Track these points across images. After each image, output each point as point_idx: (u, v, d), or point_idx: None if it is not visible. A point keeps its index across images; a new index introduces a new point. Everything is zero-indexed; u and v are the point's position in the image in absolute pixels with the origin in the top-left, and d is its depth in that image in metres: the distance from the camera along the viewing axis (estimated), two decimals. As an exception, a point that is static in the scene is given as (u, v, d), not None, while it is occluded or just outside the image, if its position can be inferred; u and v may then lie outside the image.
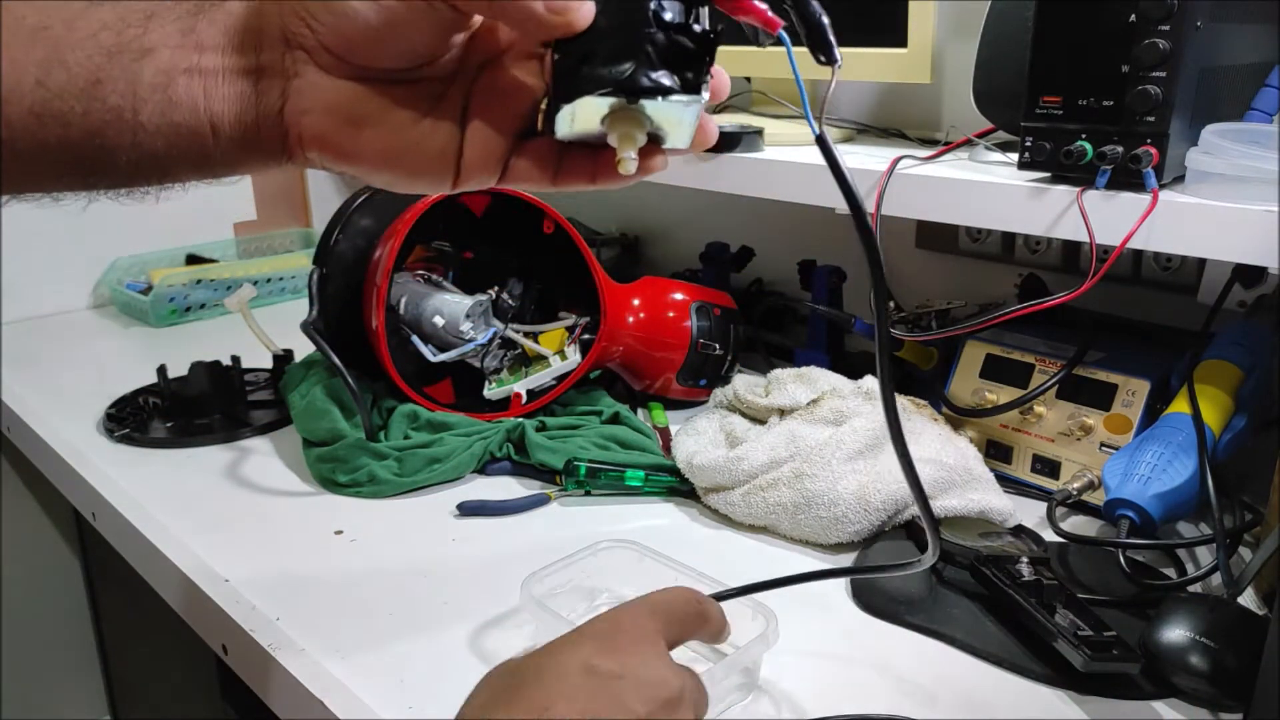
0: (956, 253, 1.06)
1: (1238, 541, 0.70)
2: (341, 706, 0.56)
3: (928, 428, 0.79)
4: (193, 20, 0.37)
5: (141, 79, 0.36)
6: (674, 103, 0.36)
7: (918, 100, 1.07)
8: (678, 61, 0.35)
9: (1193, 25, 0.63)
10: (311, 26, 0.37)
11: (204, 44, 0.37)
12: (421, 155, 0.39)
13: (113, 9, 0.36)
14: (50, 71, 0.35)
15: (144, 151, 0.37)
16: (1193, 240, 0.64)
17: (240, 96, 0.38)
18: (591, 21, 0.35)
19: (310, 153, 0.39)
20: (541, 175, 0.41)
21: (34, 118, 0.35)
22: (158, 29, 0.36)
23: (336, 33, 0.36)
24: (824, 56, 0.37)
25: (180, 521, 0.77)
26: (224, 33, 0.37)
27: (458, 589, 0.68)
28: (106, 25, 0.36)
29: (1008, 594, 0.62)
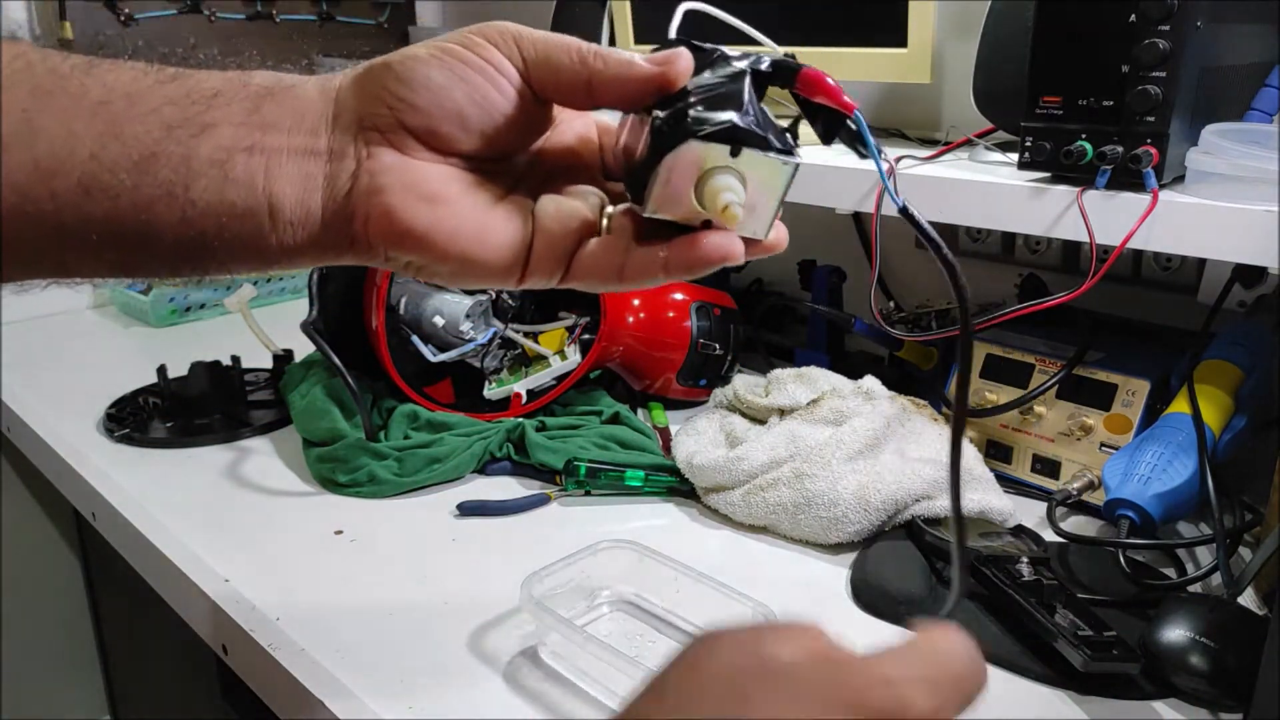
0: (956, 253, 1.06)
1: (1238, 541, 0.70)
2: (341, 707, 0.56)
3: (928, 428, 0.79)
4: (260, 101, 0.36)
5: (198, 154, 0.35)
6: (773, 159, 0.37)
7: (918, 100, 1.07)
8: (772, 127, 0.37)
9: (1193, 25, 0.63)
10: (392, 106, 0.36)
11: (268, 123, 0.36)
12: (493, 241, 0.38)
13: (180, 85, 0.35)
14: (105, 145, 0.34)
15: (192, 231, 0.35)
16: (1193, 240, 0.64)
17: (305, 177, 0.36)
18: (691, 76, 0.37)
19: (375, 237, 0.37)
20: (608, 269, 0.39)
21: (82, 190, 0.34)
22: (222, 106, 0.35)
23: (418, 110, 0.36)
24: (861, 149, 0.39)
25: (180, 521, 0.77)
26: (292, 113, 0.36)
27: (457, 589, 0.68)
28: (171, 100, 0.35)
29: (1008, 594, 0.62)
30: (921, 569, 0.68)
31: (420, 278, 0.40)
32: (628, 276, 0.39)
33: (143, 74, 0.35)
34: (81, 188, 0.34)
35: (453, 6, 1.64)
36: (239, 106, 0.36)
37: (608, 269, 0.39)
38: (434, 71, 0.36)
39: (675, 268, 0.38)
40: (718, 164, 0.36)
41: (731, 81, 0.37)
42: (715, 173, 0.36)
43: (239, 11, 1.38)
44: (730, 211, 0.36)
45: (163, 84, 0.35)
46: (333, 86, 0.37)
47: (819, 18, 0.96)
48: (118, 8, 1.25)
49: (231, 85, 0.36)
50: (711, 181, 0.36)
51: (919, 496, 0.71)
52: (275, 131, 0.36)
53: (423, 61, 0.36)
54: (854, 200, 0.82)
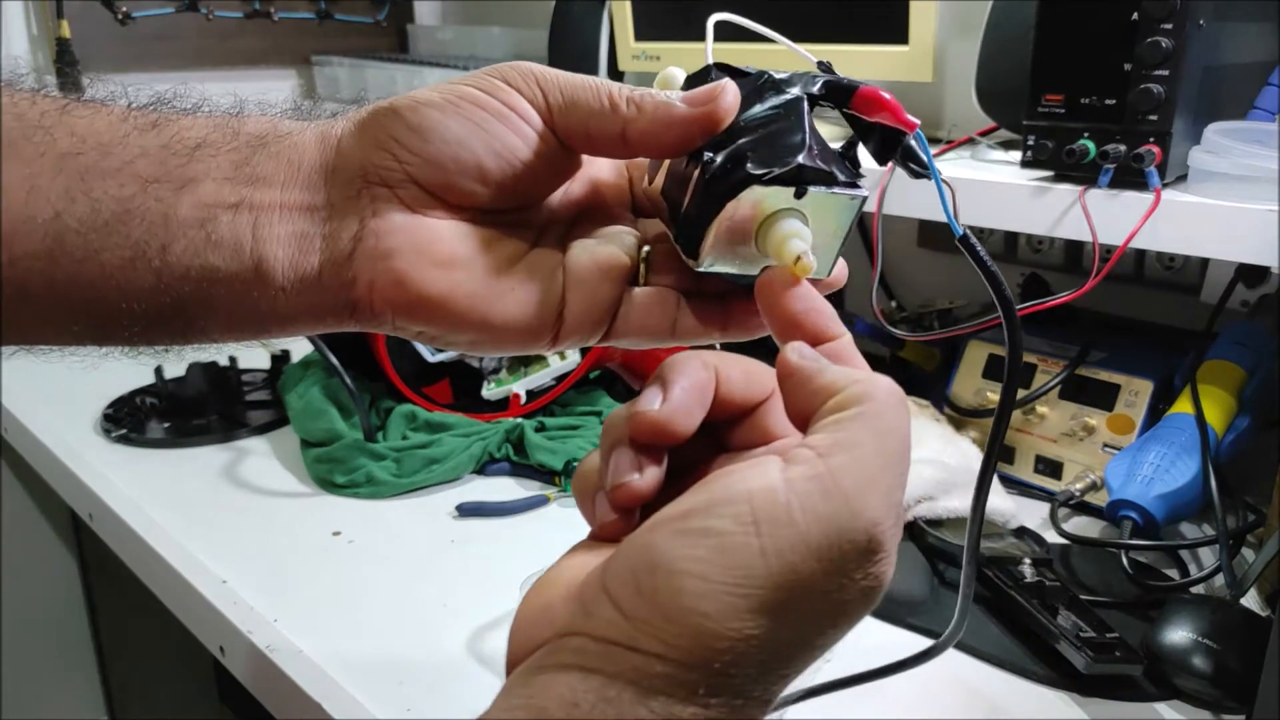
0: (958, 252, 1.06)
1: (1240, 543, 0.70)
2: (339, 708, 0.56)
3: (930, 428, 0.79)
4: (250, 152, 0.32)
5: (177, 212, 0.30)
6: (840, 195, 0.32)
7: (919, 98, 1.07)
8: (833, 158, 0.33)
9: (1195, 24, 0.63)
10: (400, 158, 0.32)
11: (259, 177, 0.31)
12: (517, 305, 0.33)
13: (159, 134, 0.31)
14: (73, 202, 0.30)
15: (169, 298, 0.31)
16: (1196, 240, 0.64)
17: (300, 237, 0.32)
18: (737, 115, 0.32)
19: (382, 305, 0.32)
20: (659, 327, 0.34)
21: (46, 254, 0.30)
22: (206, 159, 0.31)
23: (430, 163, 0.31)
24: (916, 167, 0.35)
25: (177, 522, 0.77)
26: (286, 166, 0.32)
27: (456, 590, 0.68)
28: (147, 153, 0.31)
29: (1010, 595, 0.61)
30: (923, 570, 0.67)
31: (433, 345, 0.36)
32: (681, 333, 0.34)
33: (119, 120, 0.31)
34: (45, 251, 0.30)
35: (452, 6, 1.63)
36: (226, 158, 0.31)
37: (659, 326, 0.34)
38: (450, 120, 0.31)
39: (735, 326, 0.34)
40: (781, 207, 0.32)
41: (787, 112, 0.32)
42: (779, 217, 0.32)
43: (237, 10, 1.38)
44: (803, 263, 0.31)
45: (141, 132, 0.31)
46: (334, 134, 0.33)
47: (820, 16, 0.96)
48: (115, 6, 1.25)
49: (219, 134, 0.32)
50: (776, 228, 0.32)
51: (921, 497, 0.71)
52: (266, 186, 0.31)
53: (436, 108, 0.32)
54: (855, 199, 0.82)
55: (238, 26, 1.39)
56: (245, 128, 0.32)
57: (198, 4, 1.32)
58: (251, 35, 1.41)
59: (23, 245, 0.29)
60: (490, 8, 1.55)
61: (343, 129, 0.33)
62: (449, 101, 0.32)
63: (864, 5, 0.92)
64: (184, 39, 1.34)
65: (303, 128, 0.33)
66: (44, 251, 0.30)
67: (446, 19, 1.64)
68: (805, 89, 0.33)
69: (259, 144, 0.32)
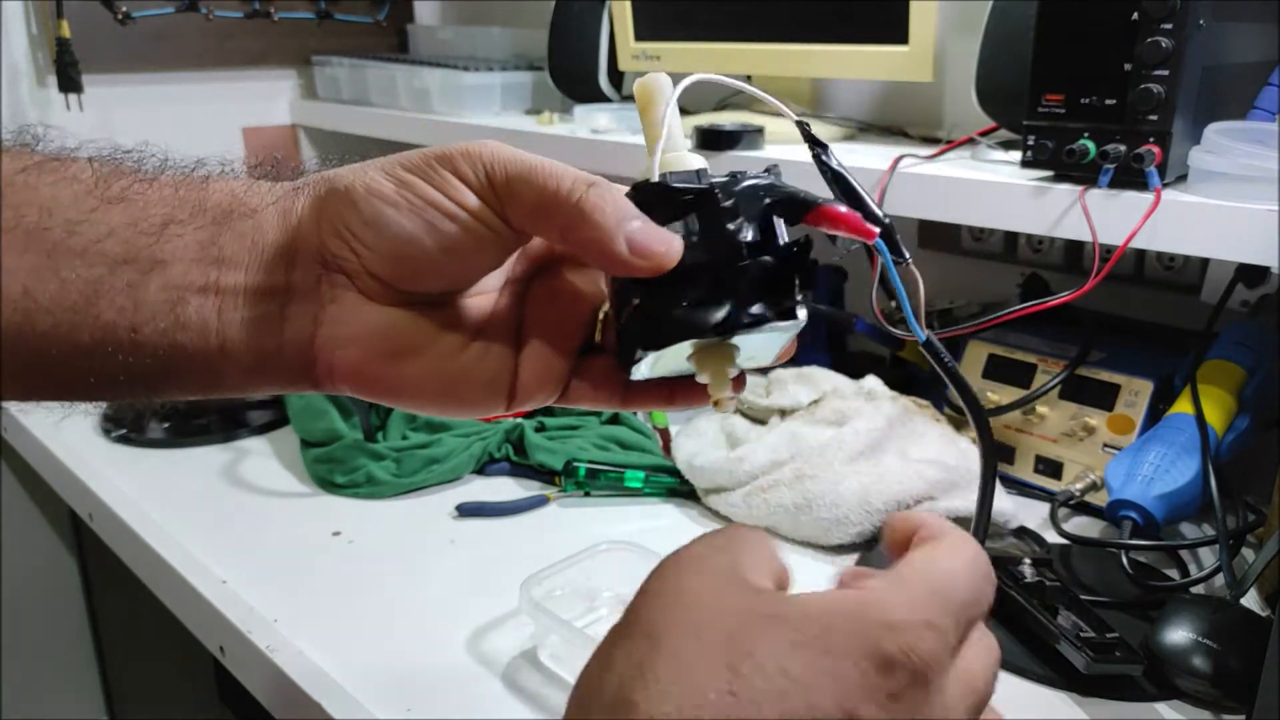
0: (959, 252, 1.06)
1: (1241, 542, 0.70)
2: (339, 708, 0.56)
3: (930, 428, 0.79)
4: (215, 230, 0.32)
5: (146, 294, 0.31)
6: (772, 330, 0.32)
7: (919, 98, 1.07)
8: (770, 287, 0.31)
9: (1195, 24, 0.63)
10: (355, 249, 0.32)
11: (225, 258, 0.32)
12: (473, 383, 0.34)
13: (126, 211, 0.31)
14: (41, 281, 0.30)
15: (137, 370, 0.32)
16: (1196, 240, 0.64)
17: (261, 321, 0.33)
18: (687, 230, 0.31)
19: (342, 383, 0.34)
20: (610, 396, 0.36)
21: (14, 330, 0.30)
22: (174, 238, 0.32)
23: (385, 258, 0.32)
24: (898, 256, 0.36)
25: (177, 522, 0.77)
26: (250, 248, 0.32)
27: (456, 590, 0.68)
28: (114, 232, 0.31)
29: (1010, 596, 0.61)
30: (923, 570, 0.67)
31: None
32: (632, 401, 0.36)
33: (85, 192, 0.31)
34: (14, 326, 0.30)
35: (452, 6, 1.63)
36: (193, 237, 0.32)
37: (609, 395, 0.36)
38: (403, 217, 0.32)
39: (681, 400, 0.36)
40: (709, 343, 0.32)
41: (723, 250, 0.31)
42: (707, 353, 0.33)
43: (236, 9, 1.37)
44: (722, 406, 0.33)
45: (108, 205, 0.31)
46: (294, 213, 0.33)
47: (821, 16, 0.96)
48: (115, 6, 1.24)
49: (185, 208, 0.32)
50: (703, 363, 0.33)
51: (921, 497, 0.71)
52: (231, 268, 0.32)
53: (389, 203, 0.32)
54: (855, 199, 0.82)
55: (238, 26, 1.39)
56: (210, 199, 0.33)
57: (198, 4, 1.32)
58: (251, 35, 1.41)
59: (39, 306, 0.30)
60: (490, 8, 1.55)
61: (302, 207, 0.33)
62: (401, 196, 0.32)
63: (864, 5, 0.92)
64: (184, 39, 1.34)
65: (264, 202, 0.33)
66: (12, 327, 0.30)
67: (446, 19, 1.63)
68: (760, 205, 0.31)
69: (224, 219, 0.33)
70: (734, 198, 0.31)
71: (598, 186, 0.31)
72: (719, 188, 0.31)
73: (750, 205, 0.31)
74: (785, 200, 0.31)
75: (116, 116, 1.31)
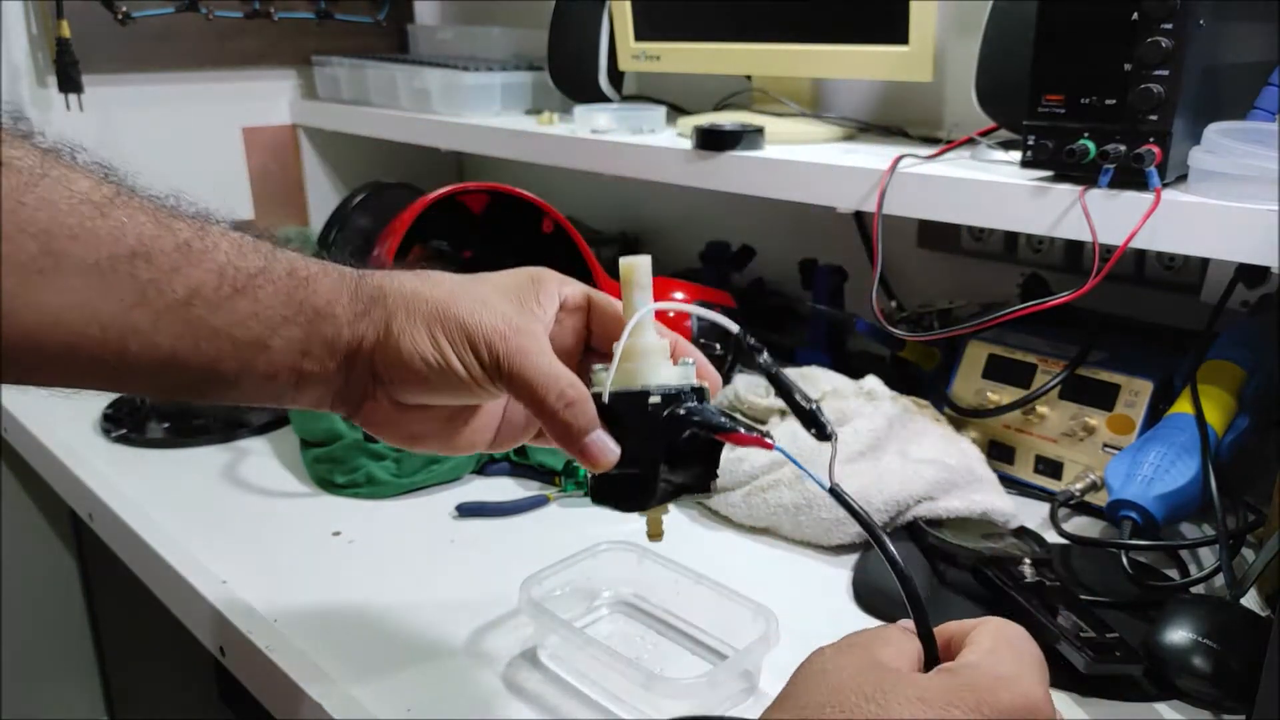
0: (959, 252, 1.06)
1: (1241, 542, 0.70)
2: (339, 708, 0.56)
3: (930, 428, 0.79)
4: (310, 329, 0.42)
5: (254, 366, 0.41)
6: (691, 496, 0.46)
7: (919, 98, 1.07)
8: (693, 469, 0.45)
9: (1195, 24, 0.63)
10: (391, 394, 0.45)
11: (310, 352, 0.42)
12: (468, 440, 0.48)
13: (251, 304, 0.40)
14: (178, 348, 0.39)
15: (220, 397, 0.42)
16: (1196, 240, 0.64)
17: (325, 392, 0.45)
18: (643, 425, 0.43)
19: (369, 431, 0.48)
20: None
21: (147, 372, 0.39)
22: (284, 329, 0.41)
23: (412, 394, 0.45)
24: (822, 435, 0.45)
25: (177, 522, 0.77)
26: (327, 349, 0.43)
27: (456, 591, 0.68)
28: (242, 322, 0.40)
29: (1010, 596, 0.61)
30: (923, 570, 0.67)
31: None
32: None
33: (218, 277, 0.39)
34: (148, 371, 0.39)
35: (452, 6, 1.63)
36: (295, 333, 0.42)
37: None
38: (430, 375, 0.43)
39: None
40: None
41: (656, 454, 0.43)
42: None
43: (236, 9, 1.37)
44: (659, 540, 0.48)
45: (239, 295, 0.40)
46: (360, 336, 0.43)
47: (820, 15, 0.96)
48: (115, 6, 1.24)
49: (293, 306, 0.42)
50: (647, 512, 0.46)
51: (921, 497, 0.71)
52: (312, 360, 0.43)
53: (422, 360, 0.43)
54: (855, 199, 0.82)
55: (238, 26, 1.39)
56: (310, 300, 0.42)
57: (198, 4, 1.32)
58: (251, 35, 1.41)
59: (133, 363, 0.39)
60: (490, 8, 1.55)
61: (365, 334, 0.43)
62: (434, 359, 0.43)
63: (864, 5, 0.92)
64: (184, 39, 1.34)
65: (345, 318, 0.43)
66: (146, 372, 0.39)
67: (446, 19, 1.63)
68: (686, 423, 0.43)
69: (316, 320, 0.42)
70: (667, 419, 0.43)
71: (573, 407, 0.42)
72: (658, 408, 0.43)
73: (678, 423, 0.43)
74: (703, 424, 0.43)
75: (116, 116, 1.31)
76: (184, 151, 1.38)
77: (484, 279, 0.47)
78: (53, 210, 0.35)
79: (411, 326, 0.43)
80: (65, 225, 0.36)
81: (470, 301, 0.44)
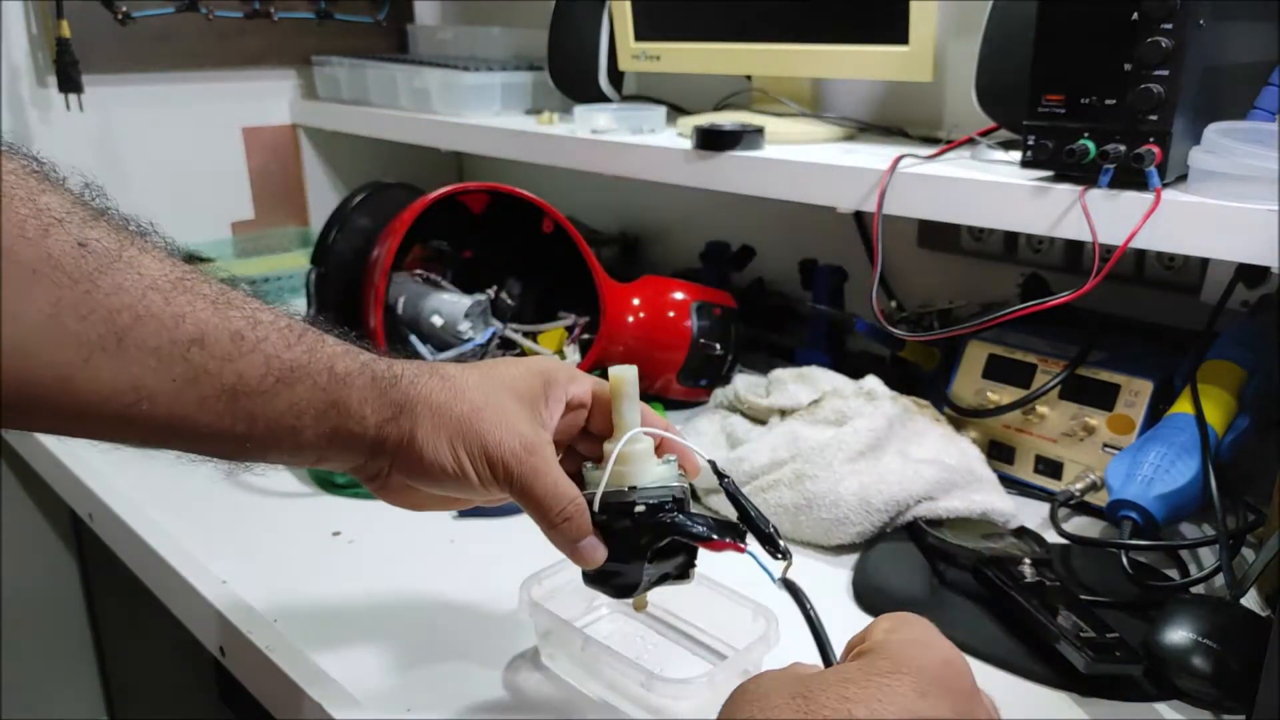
0: (959, 252, 1.06)
1: (1241, 542, 0.70)
2: (339, 708, 0.56)
3: (930, 428, 0.79)
4: (339, 423, 0.46)
5: (283, 445, 0.45)
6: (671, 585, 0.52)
7: (919, 98, 1.07)
8: (674, 561, 0.51)
9: (1195, 24, 0.63)
10: (403, 470, 0.49)
11: (338, 443, 0.46)
12: (468, 504, 0.54)
13: (293, 395, 0.43)
14: (220, 420, 0.42)
15: (245, 461, 0.45)
16: (1196, 240, 0.64)
17: (345, 467, 0.49)
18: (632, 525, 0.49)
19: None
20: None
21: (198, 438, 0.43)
22: (317, 425, 0.45)
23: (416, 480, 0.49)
24: (777, 553, 0.49)
25: (177, 523, 0.77)
26: (356, 445, 0.47)
27: (456, 590, 0.68)
28: (282, 411, 0.43)
29: (1010, 595, 0.61)
30: (923, 570, 0.67)
31: None
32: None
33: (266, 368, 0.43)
34: (184, 439, 0.43)
35: (452, 6, 1.63)
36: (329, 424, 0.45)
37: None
38: (445, 478, 0.48)
39: None
40: None
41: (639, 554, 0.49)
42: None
43: (236, 9, 1.38)
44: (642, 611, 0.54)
45: (280, 385, 0.43)
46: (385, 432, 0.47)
47: (820, 16, 0.96)
48: (115, 6, 1.24)
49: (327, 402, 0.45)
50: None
51: (921, 497, 0.71)
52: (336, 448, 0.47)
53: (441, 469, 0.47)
54: (855, 199, 0.82)
55: (238, 26, 1.39)
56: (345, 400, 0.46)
57: (198, 4, 1.32)
58: (251, 35, 1.41)
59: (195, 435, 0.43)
60: (490, 8, 1.55)
61: (389, 434, 0.47)
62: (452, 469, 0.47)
63: (864, 5, 0.92)
64: (184, 39, 1.34)
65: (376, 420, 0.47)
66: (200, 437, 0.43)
67: (446, 19, 1.63)
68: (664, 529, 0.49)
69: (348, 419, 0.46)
70: (651, 526, 0.49)
71: (570, 521, 0.48)
72: (643, 515, 0.49)
73: (659, 530, 0.49)
74: (682, 533, 0.49)
75: (116, 116, 1.31)
76: (184, 151, 1.38)
77: (501, 380, 0.50)
78: (124, 296, 0.38)
79: (435, 438, 0.47)
80: (133, 310, 0.38)
81: (492, 418, 0.47)
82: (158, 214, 0.44)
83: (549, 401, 0.51)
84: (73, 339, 0.36)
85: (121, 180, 1.31)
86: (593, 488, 0.50)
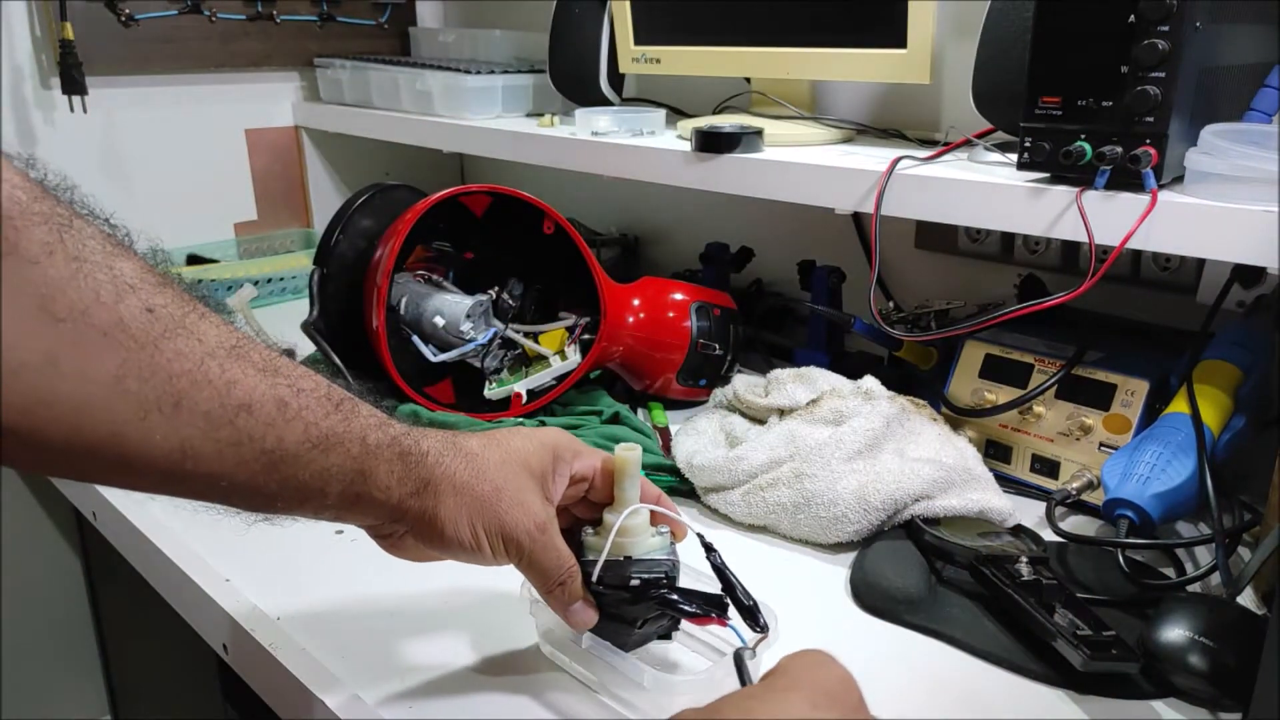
0: (956, 253, 1.06)
1: (1237, 541, 0.70)
2: (342, 706, 0.56)
3: (927, 428, 0.79)
4: (364, 489, 0.48)
5: (309, 503, 0.47)
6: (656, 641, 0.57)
7: (917, 100, 1.07)
8: (660, 624, 0.55)
9: (1192, 26, 0.63)
10: (420, 538, 0.52)
11: (359, 507, 0.49)
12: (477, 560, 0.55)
13: (325, 461, 0.46)
14: (254, 478, 0.44)
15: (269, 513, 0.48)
16: (1192, 240, 0.64)
17: (365, 524, 0.52)
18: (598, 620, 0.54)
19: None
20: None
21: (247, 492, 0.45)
22: (344, 491, 0.47)
23: (430, 546, 0.52)
24: (755, 626, 0.52)
25: (181, 520, 0.77)
26: (378, 511, 0.49)
27: (459, 589, 0.68)
28: (312, 475, 0.45)
29: (1007, 594, 0.62)
30: (921, 568, 0.68)
31: None
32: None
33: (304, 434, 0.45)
34: (218, 493, 0.45)
35: (453, 8, 1.64)
36: (355, 490, 0.48)
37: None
38: (461, 551, 0.52)
39: None
40: None
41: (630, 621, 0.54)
42: None
43: (239, 12, 1.38)
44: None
45: (314, 450, 0.45)
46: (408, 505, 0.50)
47: (818, 18, 0.97)
48: (118, 8, 1.25)
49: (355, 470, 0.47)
50: None
51: (918, 496, 0.71)
52: (358, 512, 0.49)
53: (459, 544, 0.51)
54: (853, 200, 0.83)
55: (240, 29, 1.40)
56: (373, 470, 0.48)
57: (201, 6, 1.33)
58: (254, 37, 1.42)
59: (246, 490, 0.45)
60: (491, 10, 1.56)
61: (410, 506, 0.50)
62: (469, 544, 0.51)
63: (862, 8, 0.93)
64: (187, 41, 1.35)
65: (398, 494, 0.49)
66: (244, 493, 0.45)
67: (448, 22, 1.64)
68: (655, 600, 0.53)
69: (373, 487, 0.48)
70: (645, 598, 0.53)
71: (564, 586, 0.52)
72: (636, 589, 0.53)
73: (651, 604, 0.53)
74: (670, 607, 0.53)
75: (120, 118, 1.32)
76: (187, 153, 1.39)
77: (517, 456, 0.53)
78: (184, 361, 0.40)
79: (457, 515, 0.50)
80: (190, 375, 0.40)
81: (510, 499, 0.51)
82: (161, 215, 0.45)
83: (556, 476, 0.54)
84: (133, 399, 0.38)
85: (125, 182, 1.32)
86: (591, 553, 0.54)
